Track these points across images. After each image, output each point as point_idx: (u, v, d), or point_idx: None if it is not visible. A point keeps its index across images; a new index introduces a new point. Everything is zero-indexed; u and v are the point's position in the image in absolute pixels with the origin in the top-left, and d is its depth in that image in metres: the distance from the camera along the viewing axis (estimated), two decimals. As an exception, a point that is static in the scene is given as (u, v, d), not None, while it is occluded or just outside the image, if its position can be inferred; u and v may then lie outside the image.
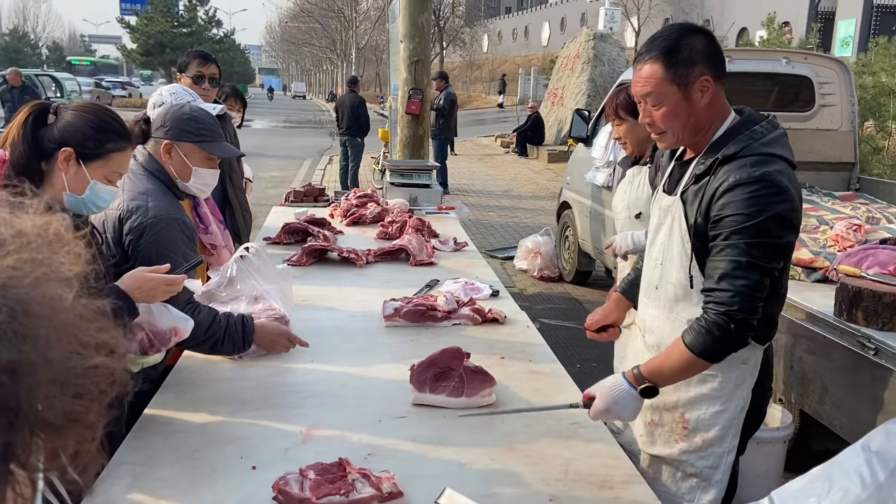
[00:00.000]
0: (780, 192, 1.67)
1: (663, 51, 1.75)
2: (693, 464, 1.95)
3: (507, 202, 11.51)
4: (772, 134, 1.76)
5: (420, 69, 6.90)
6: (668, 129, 1.82)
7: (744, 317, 1.70)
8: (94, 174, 1.80)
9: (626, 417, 1.88)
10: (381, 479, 1.59)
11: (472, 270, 3.62)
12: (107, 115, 1.85)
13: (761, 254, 1.68)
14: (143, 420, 1.97)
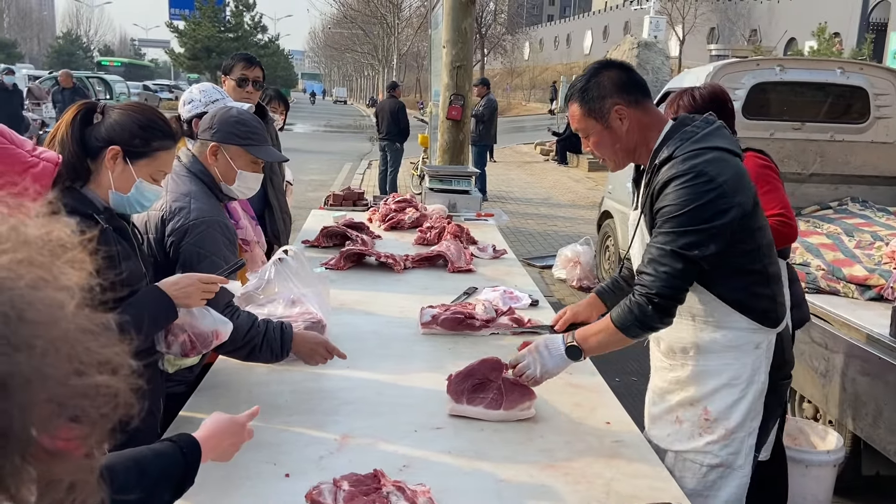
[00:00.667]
0: (707, 182, 1.78)
1: (578, 91, 1.97)
2: (717, 454, 1.95)
3: (546, 210, 11.41)
4: (705, 130, 1.88)
5: (462, 74, 6.87)
6: (604, 156, 2.03)
7: (661, 301, 1.83)
8: (140, 172, 1.80)
9: (547, 367, 2.01)
10: (416, 493, 1.55)
11: (511, 279, 3.56)
12: (153, 115, 1.85)
13: (687, 242, 1.80)
14: (177, 422, 1.95)
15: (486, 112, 11.71)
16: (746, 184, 1.88)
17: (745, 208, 1.83)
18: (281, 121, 4.26)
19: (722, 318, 1.91)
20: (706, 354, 1.95)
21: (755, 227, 1.87)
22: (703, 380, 1.95)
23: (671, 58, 21.01)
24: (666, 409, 2.03)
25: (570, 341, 1.98)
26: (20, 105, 12.82)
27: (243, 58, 3.48)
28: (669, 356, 2.05)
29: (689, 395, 1.98)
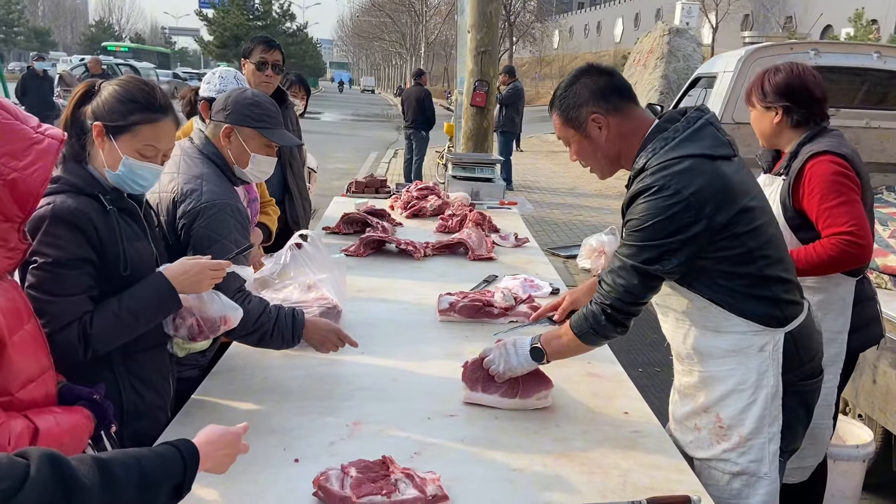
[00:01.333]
0: (672, 195, 1.72)
1: (556, 101, 1.95)
2: (736, 461, 1.88)
3: (572, 200, 11.29)
4: (683, 134, 1.80)
5: (486, 60, 6.79)
6: (587, 165, 2.00)
7: (614, 313, 1.83)
8: (124, 148, 1.75)
9: (513, 365, 2.00)
10: (425, 481, 1.52)
11: (533, 267, 3.51)
12: (133, 87, 1.79)
13: (647, 258, 1.77)
14: (189, 405, 1.95)
15: (511, 98, 11.58)
16: (728, 189, 1.75)
17: (721, 218, 1.74)
18: (302, 106, 4.24)
19: (720, 323, 1.85)
20: (709, 360, 1.89)
21: (742, 232, 1.76)
22: (711, 386, 1.90)
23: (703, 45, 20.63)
24: (685, 414, 1.98)
25: (536, 343, 1.99)
26: (51, 91, 13.02)
27: (262, 41, 3.46)
28: (679, 361, 2.01)
29: (702, 402, 1.93)
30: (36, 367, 1.55)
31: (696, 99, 6.06)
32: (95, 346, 1.70)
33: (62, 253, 1.67)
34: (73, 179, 1.74)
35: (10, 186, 1.43)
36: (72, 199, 1.71)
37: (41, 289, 1.66)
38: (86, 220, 1.70)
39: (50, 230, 1.67)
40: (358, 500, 1.44)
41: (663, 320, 2.03)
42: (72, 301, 1.69)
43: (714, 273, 1.80)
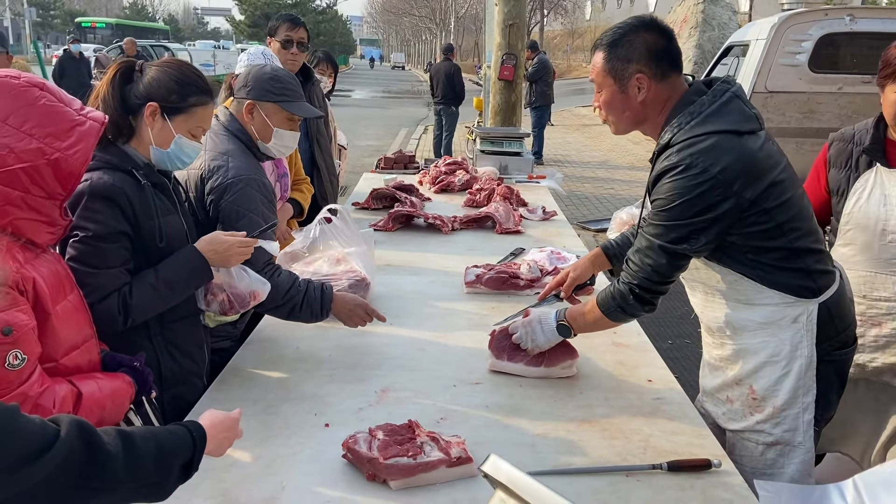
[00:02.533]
0: (699, 174, 1.70)
1: (607, 43, 1.86)
2: (770, 432, 1.88)
3: (604, 173, 11.20)
4: (710, 108, 1.77)
5: (514, 33, 6.74)
6: (608, 117, 1.94)
7: (641, 292, 1.84)
8: (179, 128, 1.84)
9: (539, 341, 2.04)
10: (450, 444, 1.57)
11: (560, 240, 3.52)
12: (189, 70, 1.88)
13: (675, 237, 1.76)
14: (224, 373, 2.03)
15: (539, 73, 11.46)
16: (756, 164, 1.73)
17: (749, 194, 1.72)
18: (330, 83, 4.27)
19: (752, 296, 1.83)
20: (742, 333, 1.88)
21: (772, 206, 1.74)
22: (744, 358, 1.89)
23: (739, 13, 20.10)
24: (716, 386, 1.98)
25: (562, 319, 2.00)
26: (87, 73, 13.27)
27: (288, 19, 3.49)
28: (710, 334, 2.01)
29: (734, 374, 1.92)
30: (79, 335, 1.63)
31: (728, 68, 5.96)
32: (134, 316, 1.78)
33: (101, 227, 1.75)
34: (107, 156, 1.81)
35: (53, 166, 1.50)
36: (108, 175, 1.78)
37: (81, 261, 1.74)
38: (122, 195, 1.77)
39: (89, 205, 1.74)
40: (385, 461, 1.50)
41: (692, 294, 2.03)
42: (111, 273, 1.77)
43: (744, 248, 1.79)
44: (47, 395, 1.49)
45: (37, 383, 1.47)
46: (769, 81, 4.84)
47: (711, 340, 2.00)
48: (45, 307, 1.52)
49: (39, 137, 1.49)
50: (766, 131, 1.84)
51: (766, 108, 4.91)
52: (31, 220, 1.51)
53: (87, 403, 1.55)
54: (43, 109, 1.52)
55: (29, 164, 1.48)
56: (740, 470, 1.77)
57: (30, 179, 1.48)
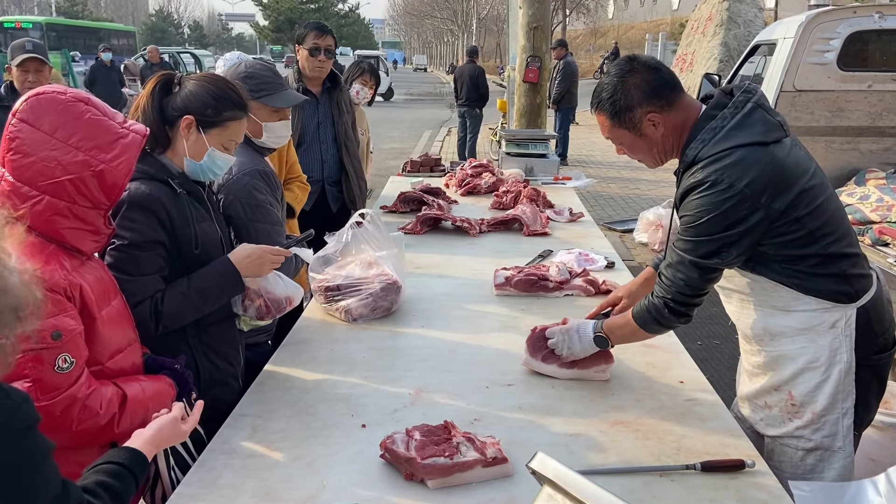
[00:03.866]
0: (726, 189, 1.71)
1: (605, 103, 1.89)
2: (810, 437, 1.88)
3: (629, 174, 11.14)
4: (732, 121, 1.78)
5: (538, 36, 6.74)
6: (640, 160, 1.98)
7: (675, 306, 1.85)
8: (212, 141, 1.89)
9: (575, 350, 2.05)
10: (485, 444, 1.60)
11: (588, 241, 3.54)
12: (225, 85, 1.93)
13: (706, 252, 1.77)
14: (262, 375, 2.07)
15: (564, 75, 11.44)
16: (784, 174, 1.73)
17: (778, 205, 1.72)
18: (370, 94, 4.31)
19: (789, 302, 1.83)
20: (779, 339, 1.88)
21: (803, 214, 1.74)
22: (782, 365, 1.89)
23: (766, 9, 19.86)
24: (754, 392, 1.97)
25: (599, 331, 2.02)
26: (119, 81, 13.49)
27: (315, 27, 3.54)
28: (747, 341, 2.00)
29: (772, 380, 1.92)
30: (123, 339, 1.69)
31: (755, 66, 5.91)
32: (165, 323, 1.84)
33: (137, 235, 1.80)
34: (143, 166, 1.87)
35: (98, 177, 1.56)
36: (145, 185, 1.84)
37: (118, 268, 1.80)
38: (158, 205, 1.82)
39: (127, 214, 1.80)
40: (422, 461, 1.53)
41: (727, 302, 2.02)
42: (145, 280, 1.82)
43: (778, 257, 1.79)
44: (94, 396, 1.54)
45: (84, 385, 1.52)
46: (797, 80, 4.80)
47: (749, 348, 1.99)
48: (92, 312, 1.57)
49: (85, 150, 1.55)
50: (791, 138, 1.83)
51: (794, 107, 4.87)
52: (78, 229, 1.57)
53: (131, 405, 1.61)
54: (88, 123, 1.57)
55: (75, 176, 1.54)
56: (779, 476, 1.78)
57: (76, 190, 1.54)
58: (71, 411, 1.50)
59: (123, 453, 1.35)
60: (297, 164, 3.23)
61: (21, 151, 1.52)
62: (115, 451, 1.37)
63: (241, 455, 1.66)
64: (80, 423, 1.51)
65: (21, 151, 1.52)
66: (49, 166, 1.52)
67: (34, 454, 1.07)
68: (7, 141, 1.54)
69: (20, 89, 3.63)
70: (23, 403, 1.07)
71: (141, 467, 1.35)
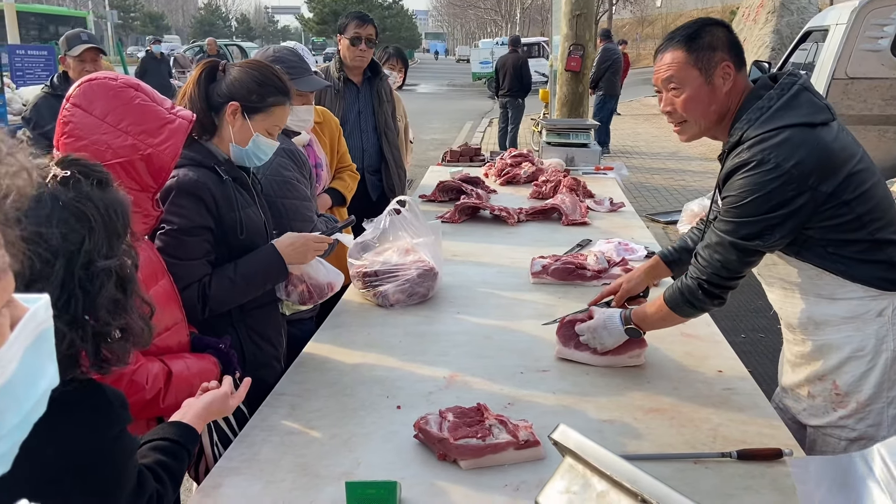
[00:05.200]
0: (772, 169, 1.68)
1: (685, 37, 1.82)
2: (853, 427, 1.85)
3: (674, 165, 10.97)
4: (779, 101, 1.74)
5: (582, 24, 6.67)
6: (689, 118, 1.86)
7: (710, 288, 1.82)
8: (257, 127, 1.94)
9: (607, 344, 2.04)
10: (518, 427, 1.61)
11: (627, 231, 3.50)
12: (269, 72, 1.98)
13: (747, 233, 1.74)
14: (301, 357, 2.12)
15: (601, 60, 11.26)
16: (831, 157, 1.70)
17: (825, 187, 1.68)
18: (400, 79, 4.34)
19: (834, 290, 1.80)
20: (824, 328, 1.84)
21: (850, 198, 1.70)
22: (826, 354, 1.85)
23: (819, -4, 19.25)
24: (797, 382, 1.94)
25: (629, 325, 1.99)
26: (168, 73, 13.82)
27: (356, 16, 3.58)
28: (791, 330, 1.97)
29: (816, 370, 1.89)
30: (170, 318, 1.75)
31: (807, 54, 5.76)
32: (211, 306, 1.90)
33: (185, 221, 1.86)
34: (190, 153, 1.93)
35: (146, 160, 1.62)
36: (193, 171, 1.89)
37: (167, 252, 1.86)
38: (206, 191, 1.88)
39: (175, 200, 1.86)
40: (455, 441, 1.55)
41: (770, 290, 2.00)
42: (193, 264, 1.88)
43: (823, 242, 1.76)
44: (141, 372, 1.61)
45: (132, 361, 1.59)
46: (850, 67, 4.66)
47: (792, 337, 1.96)
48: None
49: (134, 134, 1.61)
50: (838, 122, 1.79)
51: (846, 95, 4.73)
52: None
53: (176, 381, 1.67)
54: (138, 108, 1.63)
55: (125, 160, 1.60)
56: None
57: (125, 173, 1.60)
58: (118, 385, 1.56)
59: (178, 429, 1.43)
60: (347, 154, 3.30)
61: (74, 135, 1.58)
62: (169, 426, 1.44)
63: (280, 432, 1.71)
64: (126, 397, 1.57)
65: (74, 135, 1.58)
66: (100, 149, 1.58)
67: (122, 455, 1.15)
68: (61, 125, 1.61)
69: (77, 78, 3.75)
70: (120, 409, 1.15)
71: (193, 442, 1.43)
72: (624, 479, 0.92)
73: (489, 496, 1.47)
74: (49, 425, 1.08)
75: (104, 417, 1.14)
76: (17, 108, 9.58)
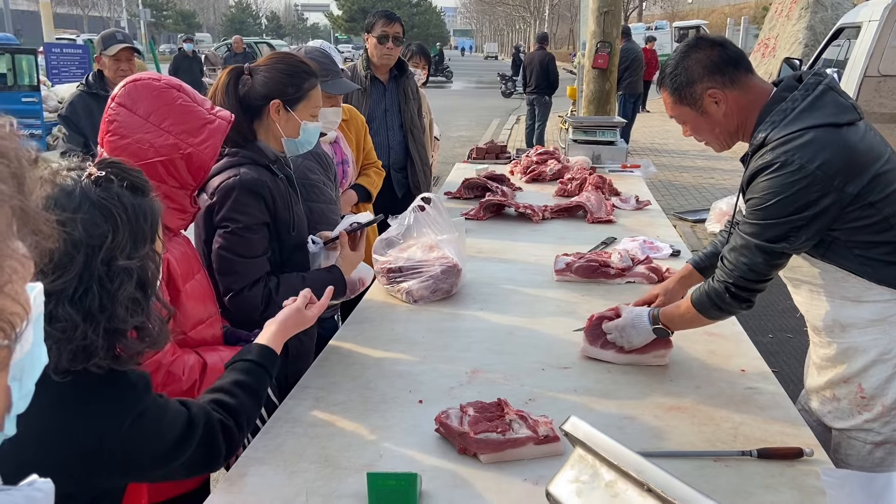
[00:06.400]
0: (796, 170, 1.67)
1: (667, 79, 1.89)
2: (879, 431, 1.83)
3: (703, 163, 10.85)
4: (803, 103, 1.73)
5: (609, 21, 6.64)
6: (703, 139, 1.96)
7: (737, 291, 1.81)
8: (301, 115, 2.01)
9: (634, 343, 2.04)
10: (538, 423, 1.62)
11: (653, 230, 3.49)
12: (293, 60, 2.03)
13: (773, 236, 1.73)
14: (326, 352, 2.16)
15: (620, 61, 11.15)
16: (857, 157, 1.68)
17: (851, 188, 1.66)
18: (424, 76, 4.37)
19: (861, 293, 1.78)
20: (850, 331, 1.83)
21: (877, 199, 1.69)
22: (852, 357, 1.84)
23: (854, -9, 18.84)
24: (822, 384, 1.93)
25: (657, 325, 2.00)
26: (200, 71, 14.03)
27: (384, 15, 3.61)
28: (816, 333, 1.96)
29: (841, 372, 1.87)
30: (204, 311, 1.80)
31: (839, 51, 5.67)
32: (271, 311, 1.95)
33: (249, 219, 1.93)
34: (247, 153, 1.99)
35: (187, 159, 1.67)
36: (252, 170, 1.96)
37: (232, 250, 1.92)
38: (266, 189, 1.95)
39: (239, 199, 1.92)
40: (475, 436, 1.57)
41: (796, 293, 1.98)
42: (258, 261, 1.95)
43: (850, 243, 1.74)
44: (177, 363, 1.66)
45: (169, 353, 1.64)
46: (882, 65, 4.58)
47: (818, 340, 1.95)
48: (177, 285, 1.69)
49: (175, 134, 1.66)
50: (865, 121, 1.77)
51: (879, 93, 4.64)
52: (166, 207, 1.68)
53: (210, 373, 1.71)
54: (179, 109, 1.69)
55: (166, 158, 1.65)
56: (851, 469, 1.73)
57: (166, 171, 1.66)
58: (156, 376, 1.61)
59: (254, 350, 1.51)
60: (373, 151, 3.33)
61: (118, 133, 1.64)
62: (245, 348, 1.53)
63: (304, 424, 1.75)
64: (163, 388, 1.62)
65: (118, 133, 1.64)
66: (143, 148, 1.63)
67: (150, 426, 1.21)
68: (106, 123, 1.67)
69: (112, 77, 3.83)
70: (144, 390, 1.21)
71: (272, 361, 1.51)
72: (630, 468, 0.94)
73: (508, 490, 1.49)
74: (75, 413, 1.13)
75: (127, 402, 1.18)
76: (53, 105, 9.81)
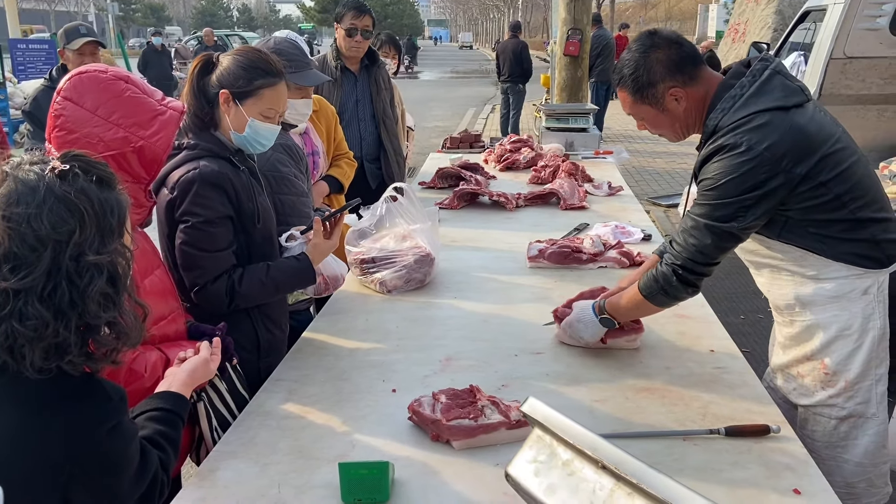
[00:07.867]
0: (744, 152, 1.71)
1: (627, 79, 1.89)
2: (843, 406, 1.87)
3: (676, 148, 10.91)
4: (751, 88, 1.77)
5: (579, 8, 6.64)
6: (660, 133, 1.98)
7: (685, 274, 1.81)
8: (250, 112, 1.95)
9: (586, 338, 2.05)
10: (510, 408, 1.64)
11: (626, 215, 3.52)
12: (255, 55, 1.98)
13: (722, 215, 1.76)
14: (299, 343, 2.16)
15: (596, 49, 11.16)
16: (805, 138, 1.72)
17: (800, 169, 1.70)
18: (394, 65, 4.35)
19: (819, 270, 1.82)
20: (811, 308, 1.87)
21: (828, 179, 1.73)
22: (814, 334, 1.88)
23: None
24: (787, 362, 1.97)
25: (603, 314, 1.99)
26: (169, 65, 13.83)
27: (353, 6, 3.58)
28: (779, 312, 1.99)
29: (804, 350, 1.91)
30: (165, 307, 1.78)
31: (806, 34, 5.74)
32: (238, 302, 1.94)
33: (211, 212, 1.89)
34: (207, 145, 1.95)
35: (138, 152, 1.64)
36: (213, 162, 1.92)
37: (195, 245, 1.89)
38: (227, 182, 1.91)
39: (199, 192, 1.88)
40: (447, 422, 1.58)
41: (757, 275, 2.02)
42: (221, 255, 1.92)
43: (805, 222, 1.78)
44: (139, 360, 1.64)
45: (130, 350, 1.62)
46: (847, 47, 4.64)
47: (781, 319, 1.99)
48: (136, 281, 1.66)
49: (125, 127, 1.63)
50: (814, 102, 1.81)
51: (844, 75, 4.71)
52: None
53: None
54: (128, 101, 1.65)
55: (116, 152, 1.62)
56: (812, 444, 1.77)
57: (117, 166, 1.62)
58: (117, 374, 1.59)
59: (170, 399, 1.48)
60: (344, 142, 3.31)
61: (65, 128, 1.61)
62: (161, 397, 1.49)
63: (277, 417, 1.75)
64: (125, 386, 1.60)
65: (65, 128, 1.61)
66: (91, 142, 1.60)
67: (122, 442, 1.20)
68: (53, 118, 1.63)
69: (76, 72, 3.76)
70: (119, 403, 1.20)
71: (185, 409, 1.50)
72: (586, 447, 0.96)
73: (481, 475, 1.51)
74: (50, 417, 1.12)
75: (102, 411, 1.17)
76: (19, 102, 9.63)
